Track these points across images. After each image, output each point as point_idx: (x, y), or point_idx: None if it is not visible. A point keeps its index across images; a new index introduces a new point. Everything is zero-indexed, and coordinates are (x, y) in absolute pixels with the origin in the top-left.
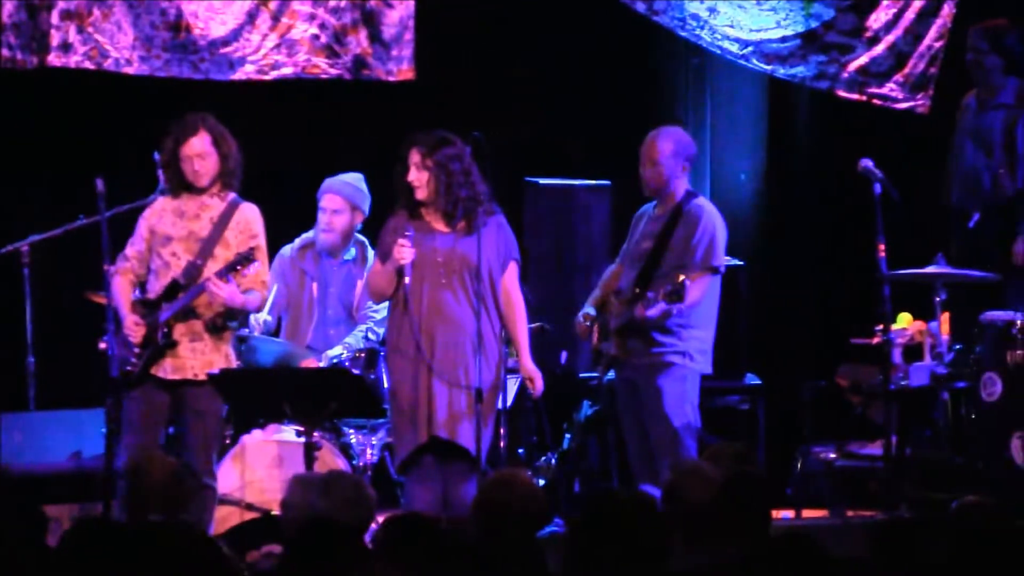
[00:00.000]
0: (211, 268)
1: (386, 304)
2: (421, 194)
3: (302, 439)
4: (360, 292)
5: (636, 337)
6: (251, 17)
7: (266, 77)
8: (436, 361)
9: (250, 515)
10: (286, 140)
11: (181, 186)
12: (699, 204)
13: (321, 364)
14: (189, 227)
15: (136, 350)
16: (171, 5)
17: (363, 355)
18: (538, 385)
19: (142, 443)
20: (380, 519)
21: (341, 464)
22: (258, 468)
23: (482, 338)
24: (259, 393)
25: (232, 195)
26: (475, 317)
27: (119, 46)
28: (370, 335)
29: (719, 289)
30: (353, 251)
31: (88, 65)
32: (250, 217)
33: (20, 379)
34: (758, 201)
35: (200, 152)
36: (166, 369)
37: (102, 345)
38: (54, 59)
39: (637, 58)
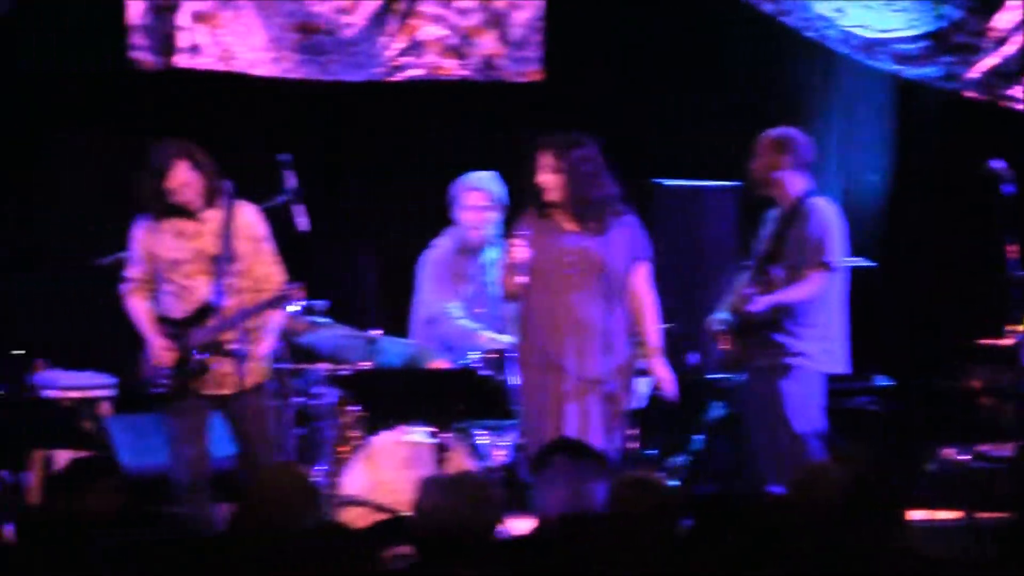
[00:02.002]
0: (235, 283)
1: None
2: (553, 196)
3: (432, 440)
4: None
5: (755, 338)
6: (379, 19)
7: (395, 79)
8: (565, 361)
9: (379, 516)
10: (409, 141)
11: (170, 210)
12: (813, 202)
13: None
14: (195, 247)
15: (166, 371)
16: (300, 7)
17: (493, 356)
18: (668, 387)
19: (197, 454)
20: (509, 520)
21: (471, 465)
22: (387, 469)
23: (611, 338)
24: (389, 394)
25: (223, 199)
26: (603, 317)
27: (249, 48)
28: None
29: (842, 287)
30: (496, 251)
31: (218, 67)
32: (251, 220)
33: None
34: (886, 202)
35: (184, 181)
36: (209, 387)
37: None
38: (181, 60)
39: (764, 59)
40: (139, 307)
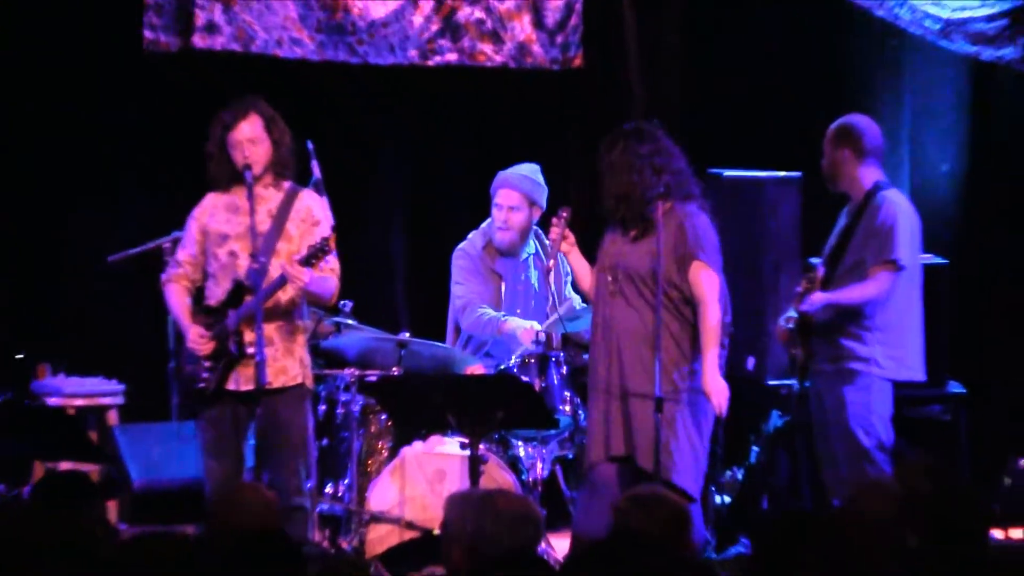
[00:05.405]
0: (276, 266)
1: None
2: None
3: (466, 452)
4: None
5: (819, 340)
6: None
7: (429, 63)
8: (616, 373)
9: (410, 534)
10: (440, 130)
11: (232, 178)
12: (883, 195)
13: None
14: (246, 222)
15: (207, 364)
16: None
17: (533, 361)
18: (717, 401)
19: (225, 468)
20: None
21: (509, 479)
22: (419, 483)
23: (659, 346)
24: (420, 402)
25: (288, 184)
26: (648, 325)
27: (267, 27)
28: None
29: (914, 288)
30: (533, 245)
31: (234, 47)
32: (311, 204)
33: (162, 386)
34: (960, 194)
35: (251, 137)
36: (238, 381)
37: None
38: (198, 40)
39: (830, 40)
40: (176, 296)
